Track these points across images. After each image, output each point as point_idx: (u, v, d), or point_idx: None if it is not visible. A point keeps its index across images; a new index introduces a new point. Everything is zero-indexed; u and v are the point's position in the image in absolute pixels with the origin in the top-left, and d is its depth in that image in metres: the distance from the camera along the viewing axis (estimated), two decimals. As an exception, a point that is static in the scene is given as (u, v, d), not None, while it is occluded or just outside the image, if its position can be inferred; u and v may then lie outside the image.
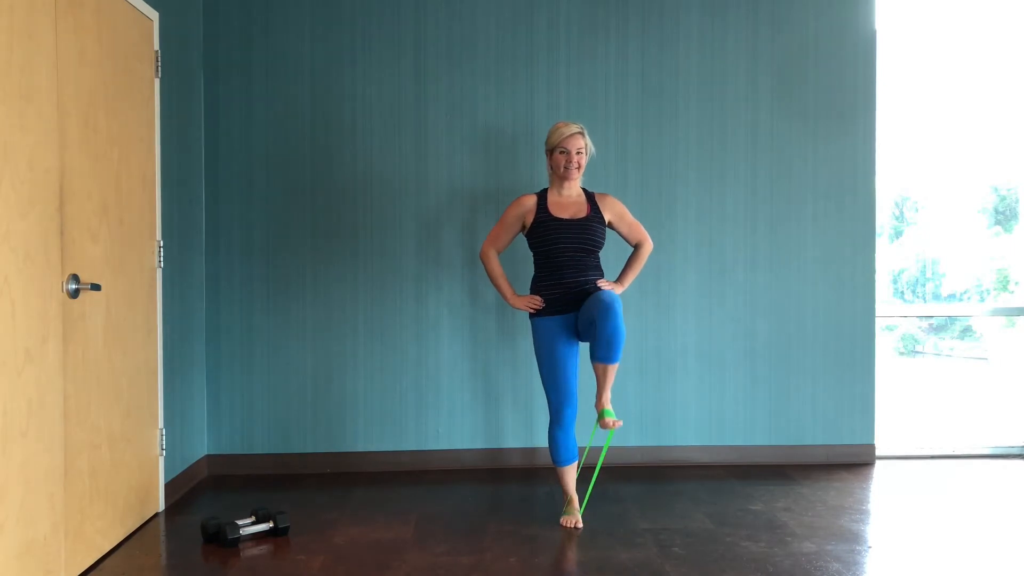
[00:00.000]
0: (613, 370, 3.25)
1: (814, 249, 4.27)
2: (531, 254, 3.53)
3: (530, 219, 3.46)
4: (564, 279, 3.38)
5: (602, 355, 3.20)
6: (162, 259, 3.49)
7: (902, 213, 4.84)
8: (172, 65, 3.66)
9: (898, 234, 4.84)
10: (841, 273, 4.27)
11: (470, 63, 4.15)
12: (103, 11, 2.97)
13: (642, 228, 3.61)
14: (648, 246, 3.62)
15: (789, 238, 4.26)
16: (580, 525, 3.29)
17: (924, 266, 4.85)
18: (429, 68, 4.14)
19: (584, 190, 3.53)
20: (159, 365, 3.47)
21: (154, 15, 3.43)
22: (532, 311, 3.43)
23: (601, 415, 3.27)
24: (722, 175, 4.23)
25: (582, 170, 3.44)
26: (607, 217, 3.50)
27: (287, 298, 4.12)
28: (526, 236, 3.51)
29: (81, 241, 2.79)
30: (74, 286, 2.71)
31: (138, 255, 3.27)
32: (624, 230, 3.58)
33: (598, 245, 3.44)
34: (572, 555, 3.00)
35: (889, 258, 4.79)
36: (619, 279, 3.58)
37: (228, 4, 4.07)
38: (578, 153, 3.39)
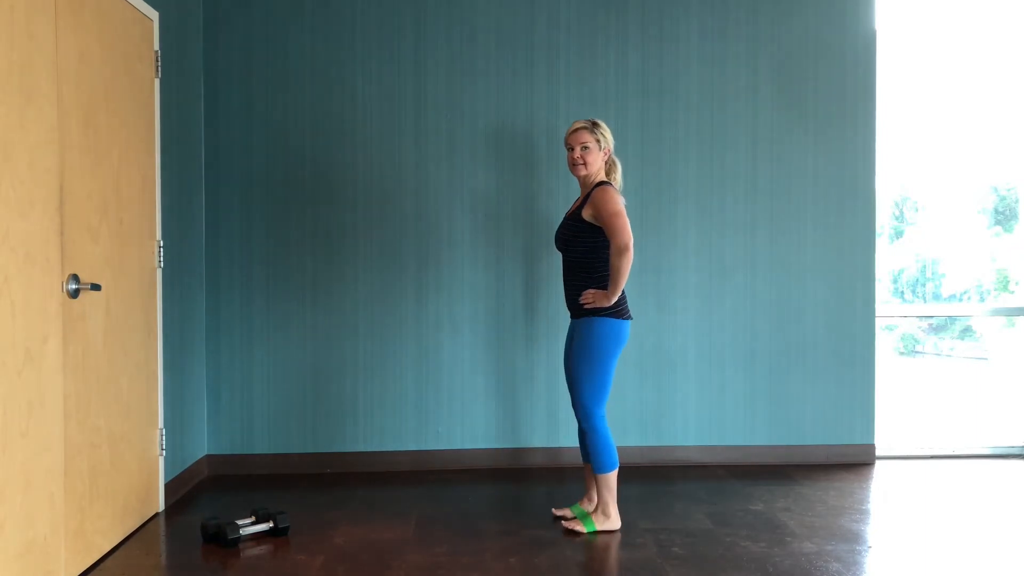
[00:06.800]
0: (600, 477, 3.25)
1: (814, 249, 4.26)
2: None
3: None
4: (564, 281, 3.33)
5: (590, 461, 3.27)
6: (162, 259, 3.49)
7: (902, 213, 4.84)
8: (172, 65, 3.66)
9: (898, 234, 4.84)
10: (841, 273, 4.27)
11: (470, 63, 4.15)
12: (103, 11, 2.97)
13: (616, 225, 3.06)
14: (614, 246, 3.07)
15: (789, 238, 4.25)
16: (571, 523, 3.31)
17: (924, 266, 4.84)
18: (429, 67, 4.13)
19: (597, 184, 3.22)
20: (159, 365, 3.47)
21: (154, 15, 3.43)
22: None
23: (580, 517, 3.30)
24: (722, 175, 4.23)
25: (589, 166, 3.22)
26: (588, 212, 3.16)
27: (287, 298, 4.12)
28: None
29: (81, 241, 2.79)
30: (74, 286, 2.71)
31: (138, 255, 3.27)
32: (604, 228, 3.14)
33: (571, 244, 3.21)
34: (572, 555, 3.00)
35: (889, 258, 4.79)
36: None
37: (228, 4, 4.07)
38: (583, 148, 3.21)
